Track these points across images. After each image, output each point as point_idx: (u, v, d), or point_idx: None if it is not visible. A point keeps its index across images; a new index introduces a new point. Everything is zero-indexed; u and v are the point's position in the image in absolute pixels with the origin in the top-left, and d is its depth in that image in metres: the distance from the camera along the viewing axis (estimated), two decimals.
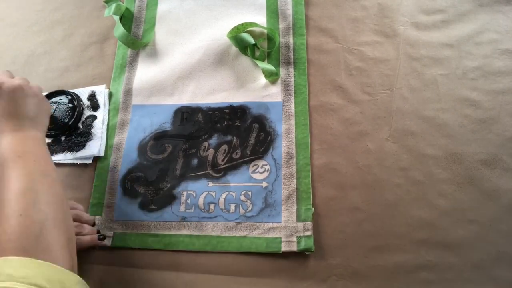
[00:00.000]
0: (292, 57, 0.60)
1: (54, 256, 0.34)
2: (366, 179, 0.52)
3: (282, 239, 0.50)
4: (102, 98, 0.61)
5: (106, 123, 0.60)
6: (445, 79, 0.57)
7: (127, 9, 0.68)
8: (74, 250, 0.38)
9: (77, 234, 0.50)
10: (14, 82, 0.46)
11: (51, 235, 0.36)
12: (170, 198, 0.54)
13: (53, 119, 0.59)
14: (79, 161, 0.57)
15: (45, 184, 0.39)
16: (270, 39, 0.62)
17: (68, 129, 0.59)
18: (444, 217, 0.50)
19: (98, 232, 0.52)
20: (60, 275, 0.33)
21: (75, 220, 0.51)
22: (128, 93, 0.61)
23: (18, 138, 0.43)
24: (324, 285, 0.48)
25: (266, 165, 0.54)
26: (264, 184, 0.53)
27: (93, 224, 0.53)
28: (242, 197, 0.53)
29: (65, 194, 0.41)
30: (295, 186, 0.52)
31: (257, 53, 0.61)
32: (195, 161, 0.55)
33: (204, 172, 0.55)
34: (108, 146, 0.58)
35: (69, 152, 0.58)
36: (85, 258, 0.51)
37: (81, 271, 0.51)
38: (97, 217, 0.54)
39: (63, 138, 0.59)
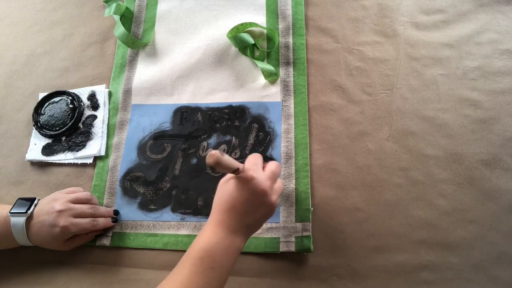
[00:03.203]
0: (291, 57, 0.60)
1: None
2: (366, 179, 0.52)
3: (281, 239, 0.49)
4: (102, 98, 0.61)
5: (106, 122, 0.60)
6: (445, 79, 0.57)
7: (127, 8, 0.68)
8: None
9: (92, 216, 0.50)
10: (266, 181, 0.39)
11: None
12: (169, 198, 0.54)
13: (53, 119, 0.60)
14: (79, 161, 0.57)
15: None
16: (269, 39, 0.62)
17: (68, 129, 0.59)
18: (444, 217, 0.50)
19: (114, 212, 0.53)
20: None
21: (86, 202, 0.51)
22: (127, 92, 0.61)
23: (224, 246, 0.38)
24: (324, 285, 0.47)
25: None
26: None
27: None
28: None
29: None
30: (294, 186, 0.52)
31: (257, 53, 0.61)
32: (194, 161, 0.55)
33: (203, 172, 0.55)
34: (107, 146, 0.58)
35: (69, 152, 0.58)
36: (85, 258, 0.52)
37: (81, 271, 0.51)
38: None
39: (63, 138, 0.59)
